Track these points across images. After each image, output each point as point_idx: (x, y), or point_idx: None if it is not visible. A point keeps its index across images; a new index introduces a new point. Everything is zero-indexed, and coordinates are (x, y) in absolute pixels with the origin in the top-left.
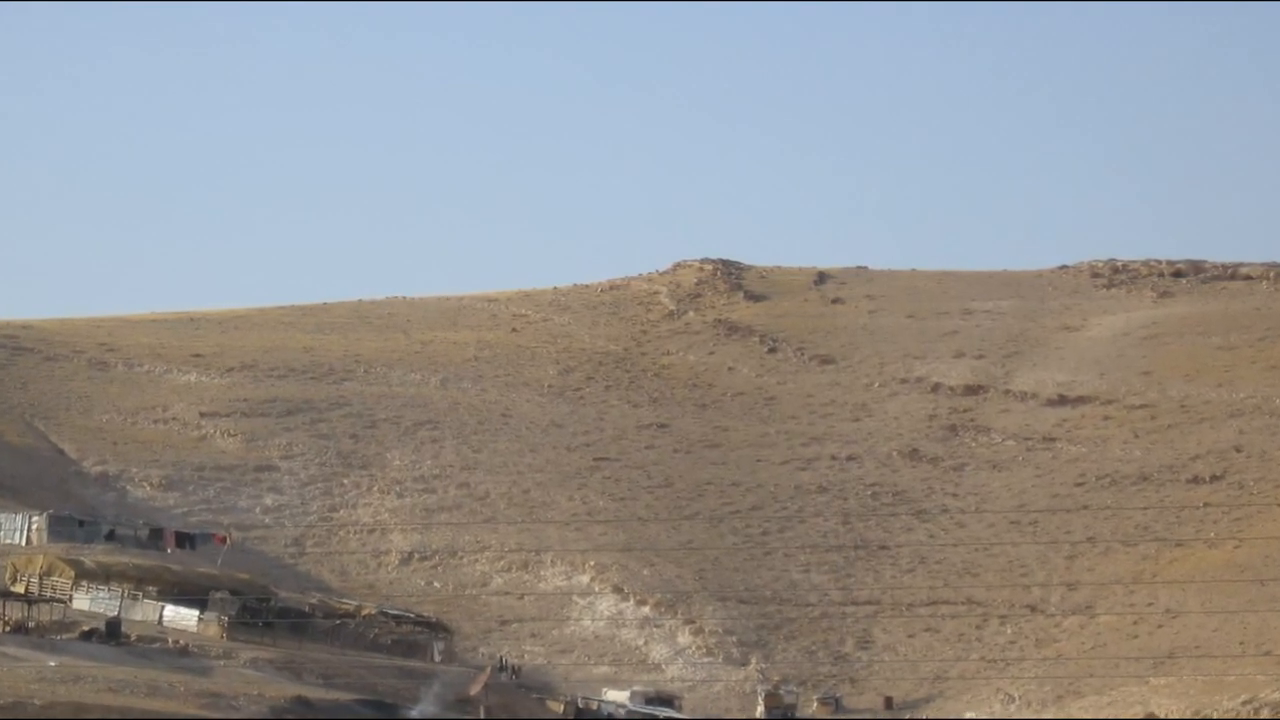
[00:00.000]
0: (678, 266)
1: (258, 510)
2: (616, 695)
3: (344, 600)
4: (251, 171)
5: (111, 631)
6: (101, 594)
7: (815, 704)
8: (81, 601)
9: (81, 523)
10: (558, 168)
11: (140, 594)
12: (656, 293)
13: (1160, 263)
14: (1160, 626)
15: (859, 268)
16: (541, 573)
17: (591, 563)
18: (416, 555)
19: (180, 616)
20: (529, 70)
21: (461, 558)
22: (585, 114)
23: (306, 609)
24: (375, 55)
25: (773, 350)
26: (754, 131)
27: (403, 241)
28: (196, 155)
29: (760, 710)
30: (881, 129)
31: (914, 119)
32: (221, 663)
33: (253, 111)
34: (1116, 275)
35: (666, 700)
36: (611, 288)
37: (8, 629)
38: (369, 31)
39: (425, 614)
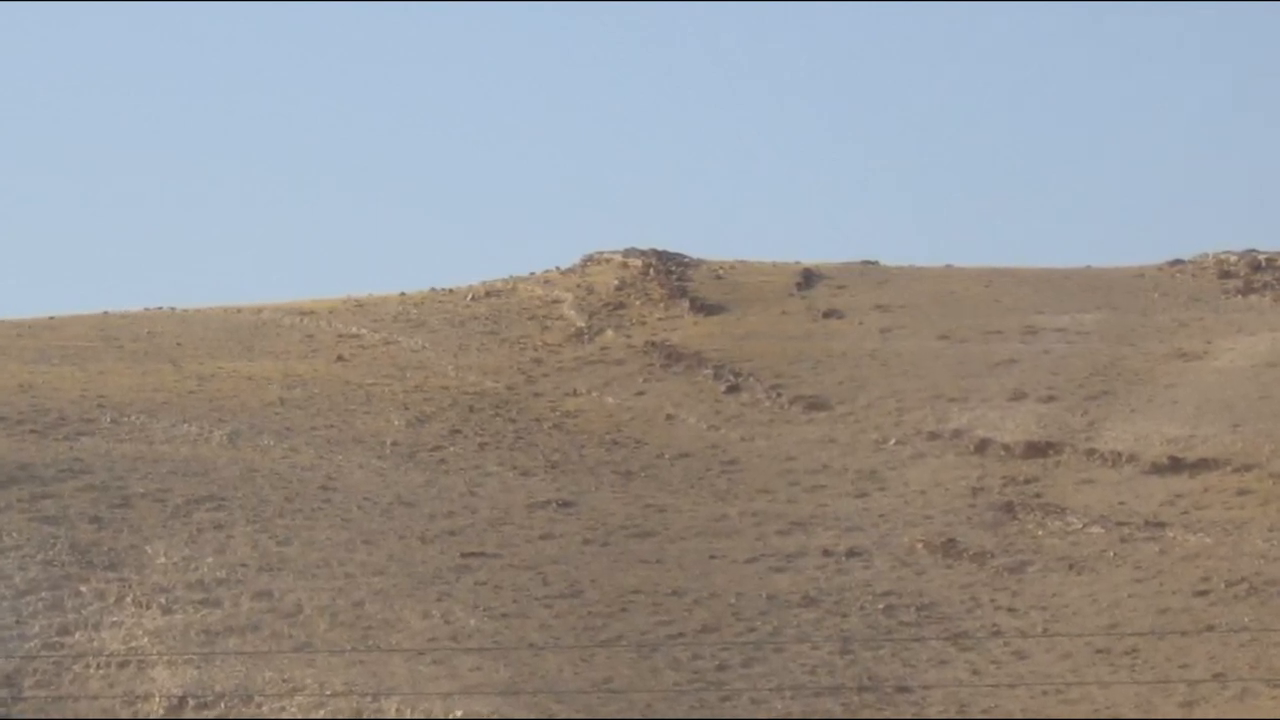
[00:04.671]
0: (589, 261)
1: None
2: None
3: None
4: None
5: None
6: None
7: None
8: None
9: None
10: (409, 120)
11: None
12: (558, 302)
13: None
14: None
15: (864, 264)
16: None
17: (458, 712)
18: (192, 700)
19: None
20: None
21: (260, 705)
22: (450, 46)
23: None
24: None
25: (734, 389)
26: (703, 64)
27: (171, 227)
28: None
29: None
30: (897, 61)
31: (947, 47)
32: None
33: None
34: (1256, 276)
35: None
36: (489, 294)
37: None
38: None
39: None
